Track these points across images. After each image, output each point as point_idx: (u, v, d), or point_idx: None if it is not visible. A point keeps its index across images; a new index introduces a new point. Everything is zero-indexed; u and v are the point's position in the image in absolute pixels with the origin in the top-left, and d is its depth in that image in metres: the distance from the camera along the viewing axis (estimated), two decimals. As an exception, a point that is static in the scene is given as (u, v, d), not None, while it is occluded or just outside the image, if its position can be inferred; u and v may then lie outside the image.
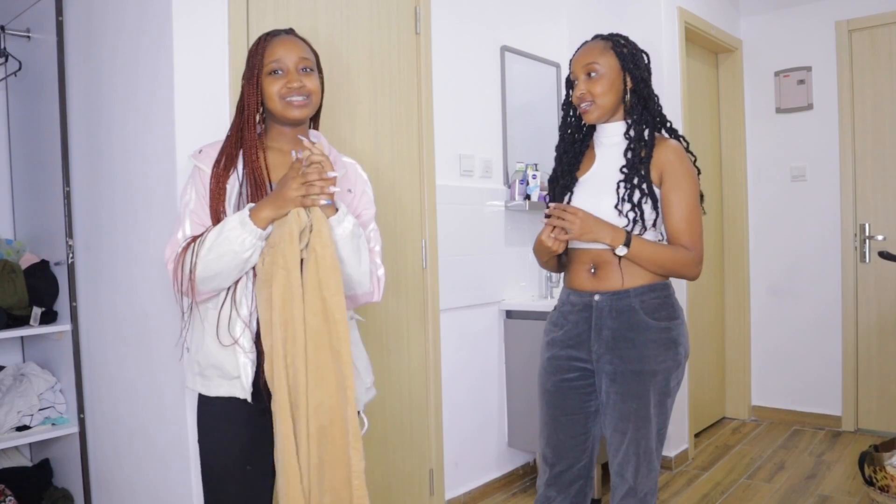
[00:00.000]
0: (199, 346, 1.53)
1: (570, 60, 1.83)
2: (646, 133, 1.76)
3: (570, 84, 1.85)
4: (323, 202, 1.44)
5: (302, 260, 1.44)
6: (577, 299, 1.79)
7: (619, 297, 1.73)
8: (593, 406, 1.83)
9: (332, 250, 1.45)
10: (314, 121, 1.72)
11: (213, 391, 1.52)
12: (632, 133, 1.76)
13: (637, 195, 1.72)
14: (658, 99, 1.82)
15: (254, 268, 1.50)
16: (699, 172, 1.84)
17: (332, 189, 1.45)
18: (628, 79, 1.76)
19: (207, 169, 1.53)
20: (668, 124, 1.84)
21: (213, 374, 1.52)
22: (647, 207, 1.73)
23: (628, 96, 1.77)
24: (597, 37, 1.82)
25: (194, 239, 1.48)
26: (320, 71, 1.63)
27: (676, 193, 1.74)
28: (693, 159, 1.83)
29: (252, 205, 1.47)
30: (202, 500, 2.01)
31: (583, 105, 1.77)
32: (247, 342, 1.49)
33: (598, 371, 1.77)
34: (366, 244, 1.58)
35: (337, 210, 1.50)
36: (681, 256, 1.76)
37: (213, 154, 1.55)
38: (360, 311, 1.79)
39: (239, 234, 1.42)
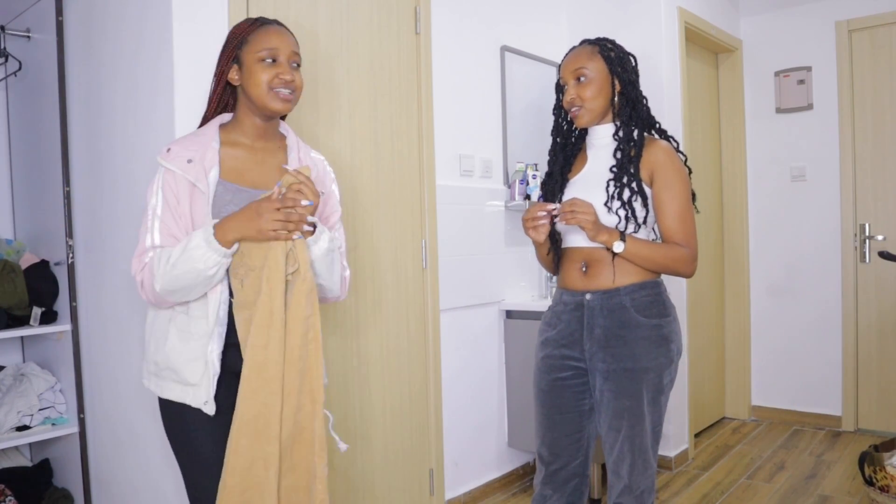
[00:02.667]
0: (160, 347, 1.51)
1: (559, 66, 1.87)
2: (635, 133, 1.80)
3: (559, 89, 1.88)
4: (295, 237, 1.44)
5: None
6: (569, 298, 1.83)
7: (609, 296, 1.75)
8: (588, 404, 1.84)
9: (311, 274, 1.48)
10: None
11: (166, 394, 1.51)
12: (621, 134, 1.80)
13: (627, 193, 1.74)
14: (646, 101, 1.85)
15: (230, 287, 1.50)
16: (690, 172, 1.86)
17: (310, 219, 1.45)
18: (616, 82, 1.79)
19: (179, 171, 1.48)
20: (657, 125, 1.87)
21: (168, 376, 1.51)
22: (637, 205, 1.75)
23: (617, 99, 1.80)
24: (584, 42, 1.86)
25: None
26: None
27: (668, 192, 1.76)
28: (683, 158, 1.84)
29: (216, 221, 1.44)
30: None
31: (573, 109, 1.81)
32: (216, 355, 1.48)
33: (591, 369, 1.79)
34: (339, 256, 1.60)
35: (314, 227, 1.50)
36: (675, 253, 1.76)
37: (185, 154, 1.50)
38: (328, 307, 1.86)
39: (204, 253, 1.40)
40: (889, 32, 3.72)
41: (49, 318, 2.50)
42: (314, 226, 1.48)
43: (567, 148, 1.92)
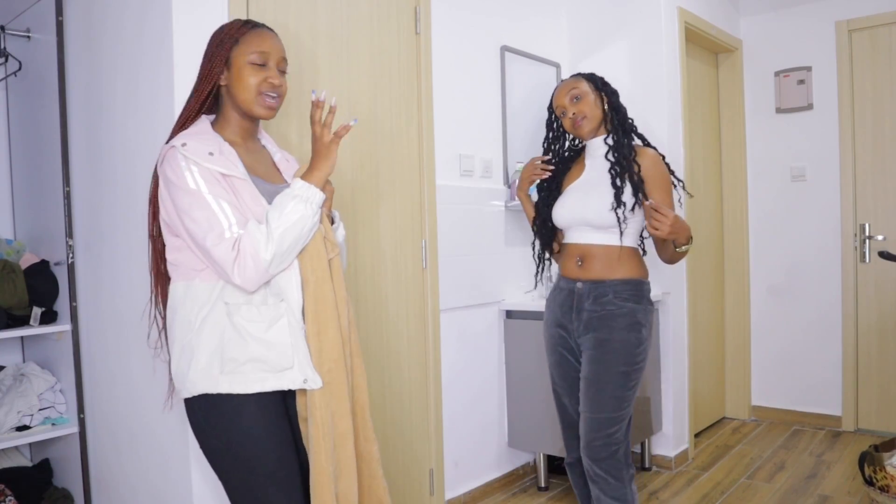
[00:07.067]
0: (234, 343, 1.44)
1: (552, 99, 2.22)
2: (625, 140, 2.10)
3: (551, 125, 2.27)
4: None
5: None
6: (564, 285, 2.17)
7: (597, 286, 2.07)
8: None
9: (339, 259, 1.58)
10: None
11: (252, 387, 1.45)
12: (610, 141, 2.12)
13: (624, 196, 2.03)
14: (626, 111, 2.17)
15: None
16: (676, 177, 2.17)
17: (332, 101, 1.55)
18: (604, 95, 2.15)
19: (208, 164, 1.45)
20: (641, 135, 2.18)
21: (251, 369, 1.45)
22: (630, 205, 2.04)
23: (607, 109, 2.14)
24: (562, 80, 2.33)
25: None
26: None
27: (660, 193, 2.06)
28: (667, 163, 2.14)
29: (297, 178, 1.48)
30: (203, 501, 2.03)
31: (578, 123, 2.12)
32: (304, 333, 1.49)
33: (579, 344, 2.12)
34: (346, 244, 1.70)
35: (332, 219, 1.62)
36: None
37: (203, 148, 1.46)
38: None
39: (308, 195, 1.45)
40: (889, 32, 3.72)
41: (49, 318, 2.50)
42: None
43: (560, 164, 2.27)
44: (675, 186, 2.15)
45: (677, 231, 1.94)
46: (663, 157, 2.14)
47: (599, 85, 2.15)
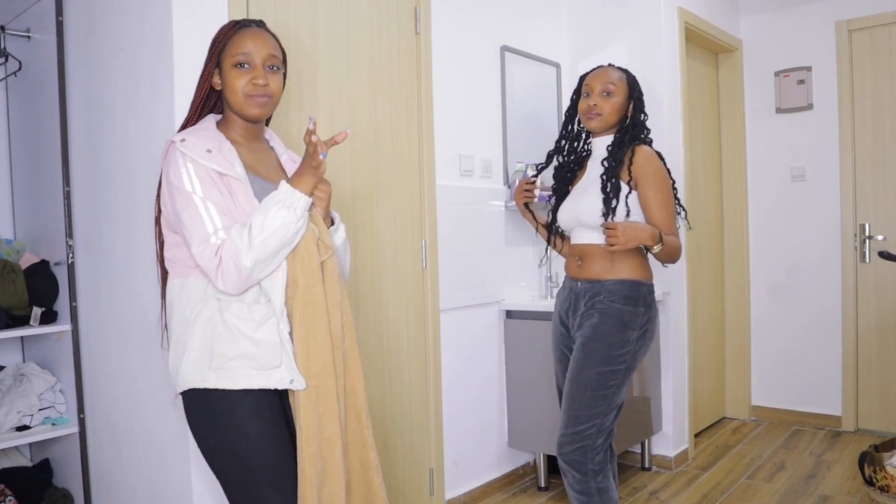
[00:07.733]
0: (224, 339, 1.44)
1: (586, 75, 2.20)
2: (626, 143, 2.10)
3: (567, 134, 2.26)
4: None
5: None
6: (567, 283, 2.23)
7: (593, 286, 2.11)
8: None
9: (337, 259, 1.56)
10: (267, 119, 1.70)
11: (239, 384, 1.44)
12: (610, 148, 2.12)
13: (614, 201, 2.04)
14: (648, 131, 2.19)
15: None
16: (684, 210, 2.23)
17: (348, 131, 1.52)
18: (631, 106, 2.15)
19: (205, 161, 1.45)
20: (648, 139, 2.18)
21: (239, 365, 1.44)
22: (621, 207, 2.06)
23: (628, 120, 2.15)
24: (611, 65, 2.21)
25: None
26: (284, 67, 1.62)
27: (652, 190, 2.06)
28: (662, 159, 2.13)
29: (283, 182, 1.46)
30: (202, 501, 2.02)
31: (590, 113, 2.13)
32: (287, 333, 1.48)
33: (574, 339, 2.15)
34: (349, 245, 1.70)
35: (333, 220, 1.63)
36: (679, 244, 2.11)
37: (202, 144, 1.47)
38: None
39: (286, 209, 1.43)
40: (889, 32, 3.72)
41: (49, 318, 2.50)
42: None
43: (571, 163, 2.28)
44: (675, 187, 2.15)
45: (633, 238, 1.95)
46: (660, 154, 2.14)
47: (634, 95, 2.16)
